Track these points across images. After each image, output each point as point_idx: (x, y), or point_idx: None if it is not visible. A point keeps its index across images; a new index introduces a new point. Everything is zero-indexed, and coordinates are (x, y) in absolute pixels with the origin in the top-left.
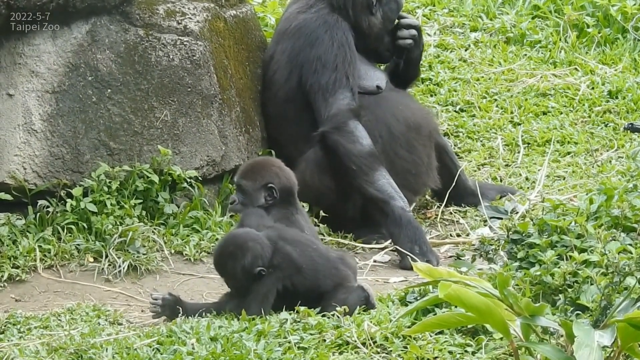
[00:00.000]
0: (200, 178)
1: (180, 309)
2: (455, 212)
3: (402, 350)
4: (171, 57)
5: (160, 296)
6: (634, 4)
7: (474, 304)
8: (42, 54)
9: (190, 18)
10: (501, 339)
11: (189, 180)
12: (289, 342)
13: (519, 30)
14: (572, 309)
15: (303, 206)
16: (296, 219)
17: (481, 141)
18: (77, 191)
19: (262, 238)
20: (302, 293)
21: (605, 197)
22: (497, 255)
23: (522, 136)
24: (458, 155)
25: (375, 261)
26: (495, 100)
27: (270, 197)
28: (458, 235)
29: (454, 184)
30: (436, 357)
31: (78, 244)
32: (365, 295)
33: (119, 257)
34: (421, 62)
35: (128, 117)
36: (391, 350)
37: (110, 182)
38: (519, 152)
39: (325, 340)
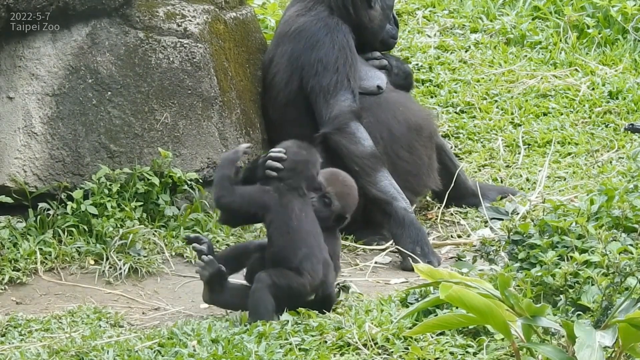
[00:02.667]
0: (200, 180)
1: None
2: (456, 213)
3: (403, 352)
4: (171, 59)
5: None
6: (634, 5)
7: (475, 305)
8: (42, 56)
9: (190, 20)
10: (502, 339)
11: (189, 182)
12: (290, 344)
13: (519, 32)
14: (573, 309)
15: None
16: None
17: (482, 142)
18: (77, 194)
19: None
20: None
21: (606, 197)
22: (498, 256)
23: (522, 137)
24: (458, 156)
25: (376, 262)
26: (496, 101)
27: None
28: (459, 236)
29: (452, 184)
30: (437, 358)
31: (79, 247)
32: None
33: (119, 260)
34: (410, 76)
35: (128, 119)
36: (392, 352)
37: (110, 185)
38: (519, 153)
39: (326, 342)
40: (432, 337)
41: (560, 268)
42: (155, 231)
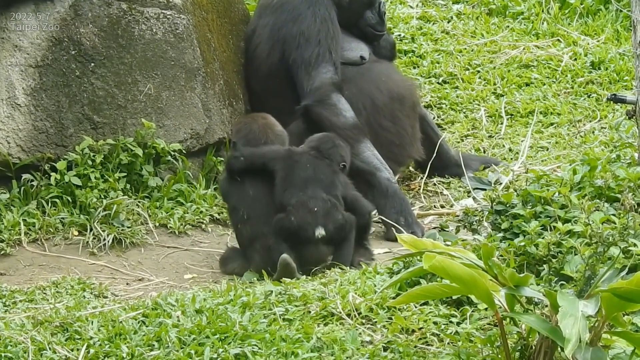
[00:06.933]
0: (184, 151)
1: None
2: (439, 184)
3: (387, 321)
4: (154, 30)
5: None
6: None
7: (458, 275)
8: (25, 28)
9: None
10: (486, 309)
11: (172, 153)
12: (274, 314)
13: (502, 2)
14: (556, 279)
15: None
16: None
17: (464, 113)
18: (61, 165)
19: None
20: None
21: (589, 167)
22: (481, 226)
23: (505, 107)
24: (441, 126)
25: None
26: (478, 72)
27: None
28: (442, 207)
29: (435, 153)
30: (421, 328)
31: (62, 218)
32: None
33: (103, 231)
34: (394, 47)
35: (112, 90)
36: (376, 322)
37: (94, 156)
38: (502, 124)
39: (310, 312)
40: (415, 307)
41: (543, 238)
42: (139, 202)
